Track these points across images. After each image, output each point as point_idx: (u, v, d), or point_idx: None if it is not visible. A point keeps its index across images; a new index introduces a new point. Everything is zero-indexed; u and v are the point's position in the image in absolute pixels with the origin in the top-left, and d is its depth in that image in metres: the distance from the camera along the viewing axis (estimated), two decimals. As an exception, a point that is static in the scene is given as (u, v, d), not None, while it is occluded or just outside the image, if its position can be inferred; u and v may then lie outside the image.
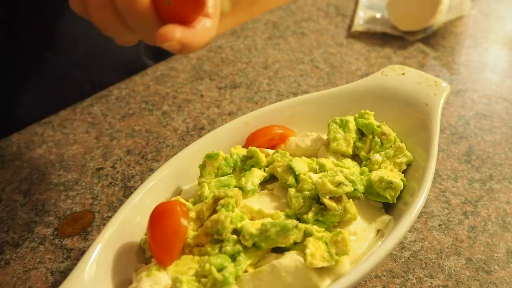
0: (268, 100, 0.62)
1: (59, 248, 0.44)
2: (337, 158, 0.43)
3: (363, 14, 0.78)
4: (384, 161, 0.42)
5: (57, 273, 0.42)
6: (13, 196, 0.49)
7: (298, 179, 0.39)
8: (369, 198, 0.40)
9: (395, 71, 0.48)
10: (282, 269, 0.33)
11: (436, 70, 0.67)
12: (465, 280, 0.41)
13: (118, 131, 0.57)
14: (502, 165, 0.52)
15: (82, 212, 0.47)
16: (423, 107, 0.45)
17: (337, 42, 0.73)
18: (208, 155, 0.41)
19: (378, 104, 0.47)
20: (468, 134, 0.56)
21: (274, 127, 0.46)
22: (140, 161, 0.53)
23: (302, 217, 0.37)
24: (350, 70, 0.67)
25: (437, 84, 0.46)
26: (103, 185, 0.50)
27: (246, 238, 0.34)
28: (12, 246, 0.44)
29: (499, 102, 0.61)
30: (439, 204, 0.47)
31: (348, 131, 0.43)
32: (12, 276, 0.42)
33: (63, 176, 0.51)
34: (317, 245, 0.34)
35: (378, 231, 0.39)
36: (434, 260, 0.42)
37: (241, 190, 0.39)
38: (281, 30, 0.76)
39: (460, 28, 0.76)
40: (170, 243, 0.35)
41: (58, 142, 0.56)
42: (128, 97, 0.63)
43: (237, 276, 0.33)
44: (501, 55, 0.71)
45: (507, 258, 0.42)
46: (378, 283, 0.40)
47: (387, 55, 0.70)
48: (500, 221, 0.46)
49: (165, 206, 0.37)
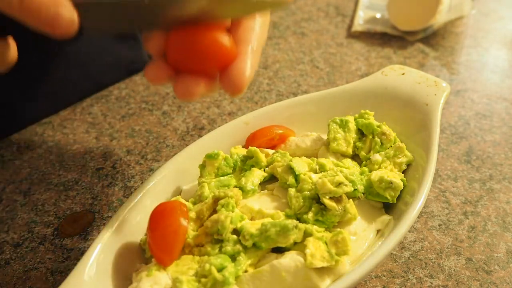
0: (268, 100, 0.62)
1: (59, 248, 0.44)
2: (337, 158, 0.43)
3: (363, 14, 0.78)
4: (384, 161, 0.42)
5: (57, 273, 0.42)
6: (13, 196, 0.49)
7: (298, 179, 0.39)
8: (369, 198, 0.40)
9: (395, 71, 0.48)
10: (282, 269, 0.33)
11: (436, 70, 0.67)
12: (465, 280, 0.41)
13: (118, 131, 0.57)
14: (502, 165, 0.52)
15: (82, 212, 0.47)
16: (423, 107, 0.45)
17: (337, 42, 0.73)
18: (208, 155, 0.41)
19: (378, 104, 0.47)
20: (468, 134, 0.56)
21: (274, 127, 0.46)
22: (140, 161, 0.53)
23: (302, 217, 0.37)
24: (350, 70, 0.67)
25: (437, 84, 0.46)
26: (103, 185, 0.50)
27: (246, 238, 0.34)
28: (12, 246, 0.44)
29: (499, 102, 0.61)
30: (439, 204, 0.47)
31: (348, 131, 0.43)
32: (12, 276, 0.42)
33: (63, 176, 0.51)
34: (317, 245, 0.34)
35: (378, 231, 0.39)
36: (434, 260, 0.42)
37: (241, 190, 0.39)
38: (281, 30, 0.76)
39: (460, 28, 0.76)
40: (170, 243, 0.35)
41: (58, 142, 0.56)
42: (128, 97, 0.63)
43: (237, 276, 0.33)
44: (501, 55, 0.71)
45: (507, 258, 0.42)
46: (378, 283, 0.40)
47: (387, 55, 0.70)
48: (500, 221, 0.46)
49: (165, 206, 0.37)
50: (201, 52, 0.33)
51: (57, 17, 0.29)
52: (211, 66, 0.33)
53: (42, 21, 0.29)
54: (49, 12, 0.29)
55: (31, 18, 0.29)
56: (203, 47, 0.33)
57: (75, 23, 0.30)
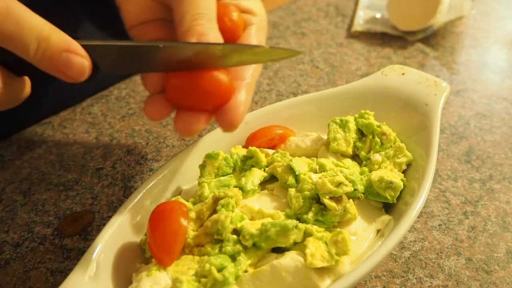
0: (268, 100, 0.62)
1: (59, 248, 0.44)
2: (337, 158, 0.43)
3: (363, 14, 0.78)
4: (384, 161, 0.42)
5: (57, 273, 0.42)
6: (13, 196, 0.49)
7: (298, 179, 0.39)
8: (369, 198, 0.40)
9: (395, 71, 0.48)
10: (282, 269, 0.33)
11: (436, 70, 0.67)
12: (465, 280, 0.41)
13: (118, 131, 0.57)
14: (502, 165, 0.52)
15: (82, 212, 0.47)
16: (423, 107, 0.45)
17: (337, 42, 0.73)
18: (208, 155, 0.41)
19: (378, 104, 0.47)
20: (468, 134, 0.56)
21: (274, 127, 0.46)
22: (140, 161, 0.53)
23: (302, 217, 0.37)
24: (350, 70, 0.67)
25: (437, 84, 0.46)
26: (103, 185, 0.50)
27: (246, 238, 0.34)
28: (12, 246, 0.44)
29: (499, 102, 0.61)
30: (439, 204, 0.47)
31: (348, 131, 0.43)
32: (12, 276, 0.42)
33: (63, 176, 0.51)
34: (317, 245, 0.34)
35: (378, 231, 0.39)
36: (434, 260, 0.42)
37: (241, 190, 0.39)
38: (281, 30, 0.76)
39: (460, 28, 0.76)
40: (170, 243, 0.35)
41: (58, 142, 0.56)
42: (128, 97, 0.63)
43: (237, 276, 0.33)
44: (501, 55, 0.71)
45: (507, 258, 0.42)
46: (378, 283, 0.40)
47: (387, 55, 0.70)
48: (500, 221, 0.46)
49: (165, 206, 0.37)
50: (201, 90, 0.34)
51: (69, 65, 0.32)
52: (211, 104, 0.35)
53: (54, 68, 0.32)
54: (60, 60, 0.31)
55: (45, 65, 0.32)
56: (203, 85, 0.34)
57: (86, 69, 0.32)
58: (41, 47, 0.31)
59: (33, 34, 0.31)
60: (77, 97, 0.62)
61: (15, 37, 0.31)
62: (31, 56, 0.31)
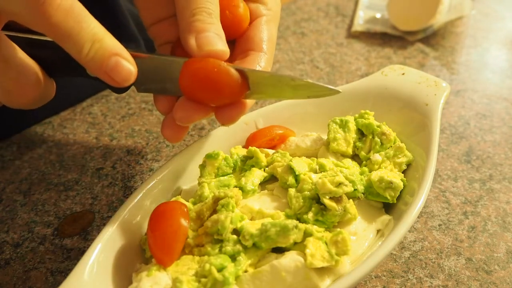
0: (268, 100, 0.62)
1: (59, 248, 0.44)
2: (337, 158, 0.43)
3: (363, 14, 0.78)
4: (384, 161, 0.42)
5: (57, 273, 0.42)
6: (13, 196, 0.49)
7: (298, 179, 0.39)
8: (369, 198, 0.40)
9: (395, 71, 0.48)
10: (282, 269, 0.33)
11: (436, 70, 0.67)
12: (465, 280, 0.41)
13: (118, 131, 0.57)
14: (502, 165, 0.52)
15: (82, 212, 0.47)
16: (423, 107, 0.45)
17: (337, 42, 0.73)
18: (208, 155, 0.41)
19: (378, 104, 0.47)
20: (468, 134, 0.56)
21: (274, 127, 0.46)
22: (140, 161, 0.53)
23: (302, 217, 0.37)
24: (350, 70, 0.67)
25: (437, 84, 0.46)
26: (103, 185, 0.50)
27: (246, 238, 0.34)
28: (12, 246, 0.44)
29: (499, 102, 0.61)
30: (439, 204, 0.47)
31: (348, 131, 0.43)
32: (12, 276, 0.42)
33: (63, 176, 0.51)
34: (317, 245, 0.34)
35: (378, 231, 0.39)
36: (434, 260, 0.42)
37: (241, 190, 0.39)
38: (281, 30, 0.76)
39: (460, 28, 0.76)
40: (170, 243, 0.35)
41: (58, 142, 0.56)
42: (128, 97, 0.63)
43: (237, 276, 0.33)
44: (501, 55, 0.71)
45: (507, 258, 0.42)
46: (378, 283, 0.40)
47: (387, 55, 0.70)
48: (500, 221, 0.46)
49: (165, 206, 0.37)
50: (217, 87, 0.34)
51: (117, 68, 0.32)
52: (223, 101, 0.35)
53: (102, 70, 0.32)
54: (110, 63, 0.32)
55: (94, 65, 0.32)
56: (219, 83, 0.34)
57: (132, 75, 0.33)
58: (94, 48, 0.31)
59: (89, 34, 0.31)
60: (77, 97, 0.62)
61: (73, 34, 0.31)
62: (83, 55, 0.31)
